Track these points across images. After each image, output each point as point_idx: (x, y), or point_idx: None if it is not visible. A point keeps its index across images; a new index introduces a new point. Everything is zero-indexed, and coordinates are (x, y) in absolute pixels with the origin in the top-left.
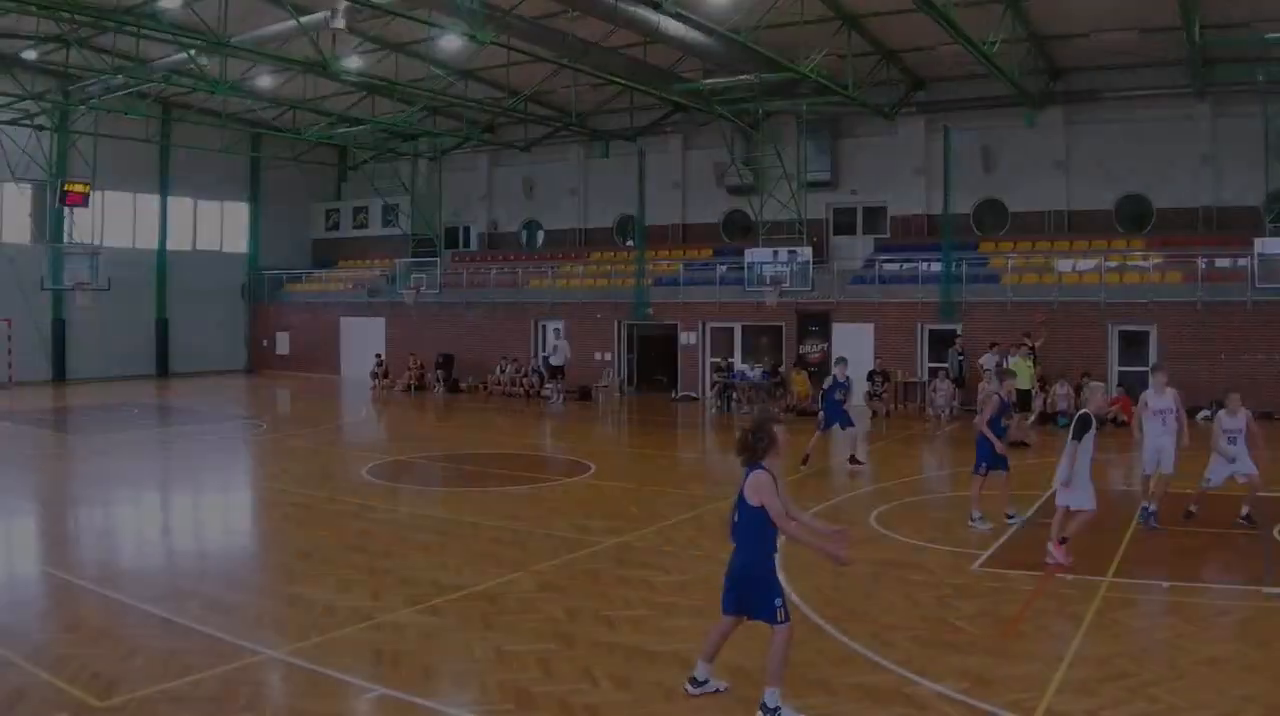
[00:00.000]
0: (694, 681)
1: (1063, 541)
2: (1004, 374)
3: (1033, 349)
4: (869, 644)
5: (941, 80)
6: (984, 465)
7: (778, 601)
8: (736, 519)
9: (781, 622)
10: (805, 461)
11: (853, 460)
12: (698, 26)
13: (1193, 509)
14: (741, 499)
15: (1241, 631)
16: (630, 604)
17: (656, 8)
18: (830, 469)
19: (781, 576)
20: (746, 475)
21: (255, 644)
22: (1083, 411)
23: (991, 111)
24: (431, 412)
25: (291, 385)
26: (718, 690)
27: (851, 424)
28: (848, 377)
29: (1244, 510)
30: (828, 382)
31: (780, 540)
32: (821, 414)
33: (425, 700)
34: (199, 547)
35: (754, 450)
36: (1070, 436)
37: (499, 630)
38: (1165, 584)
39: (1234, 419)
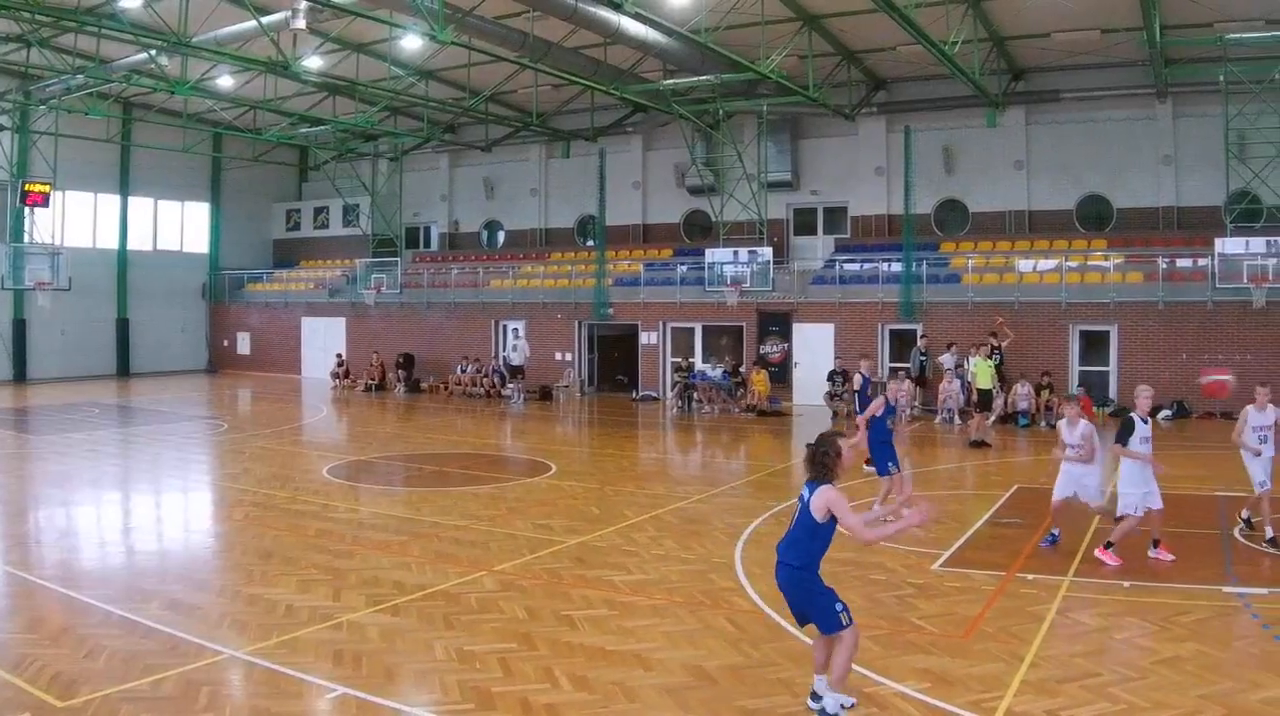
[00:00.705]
0: (814, 696)
1: (1155, 542)
2: (893, 376)
3: (997, 349)
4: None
5: (902, 81)
6: (891, 464)
7: (839, 606)
8: (792, 530)
9: (846, 626)
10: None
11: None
12: (658, 27)
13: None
14: (805, 512)
15: (1202, 631)
16: (591, 603)
17: (617, 8)
18: (793, 468)
19: (741, 576)
20: (813, 490)
21: (216, 643)
22: (1127, 414)
23: (952, 112)
24: (392, 412)
25: (252, 385)
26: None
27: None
28: (871, 374)
29: (1245, 513)
30: (858, 382)
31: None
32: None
33: (386, 700)
34: (160, 547)
35: (824, 466)
36: (1114, 440)
37: (460, 630)
38: (1126, 583)
39: (1263, 415)
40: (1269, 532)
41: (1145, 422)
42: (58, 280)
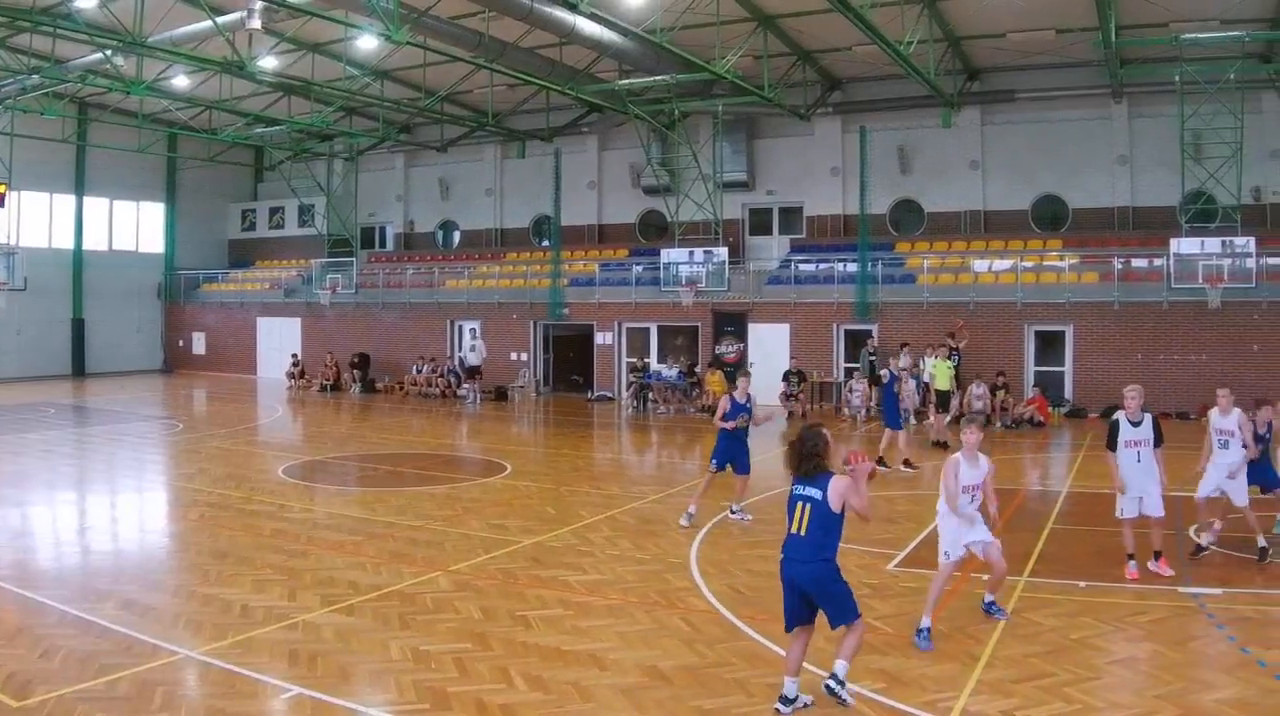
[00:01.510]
0: (784, 700)
1: (1156, 554)
2: (742, 375)
3: (955, 349)
4: (785, 644)
5: (858, 81)
6: (714, 462)
7: (853, 601)
8: (810, 528)
9: (859, 615)
10: (907, 463)
11: (905, 463)
12: (613, 27)
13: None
14: (823, 507)
15: (1157, 631)
16: (546, 603)
17: (572, 8)
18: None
19: (696, 577)
20: (820, 485)
21: (172, 643)
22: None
23: (908, 112)
24: (347, 413)
25: (208, 385)
26: (805, 704)
27: (899, 425)
28: (899, 371)
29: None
30: (885, 377)
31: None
32: (884, 413)
33: (341, 700)
34: (116, 548)
35: (820, 458)
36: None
37: (415, 630)
38: (1081, 583)
39: (1226, 419)
40: (1204, 540)
41: (1135, 425)
42: (13, 280)
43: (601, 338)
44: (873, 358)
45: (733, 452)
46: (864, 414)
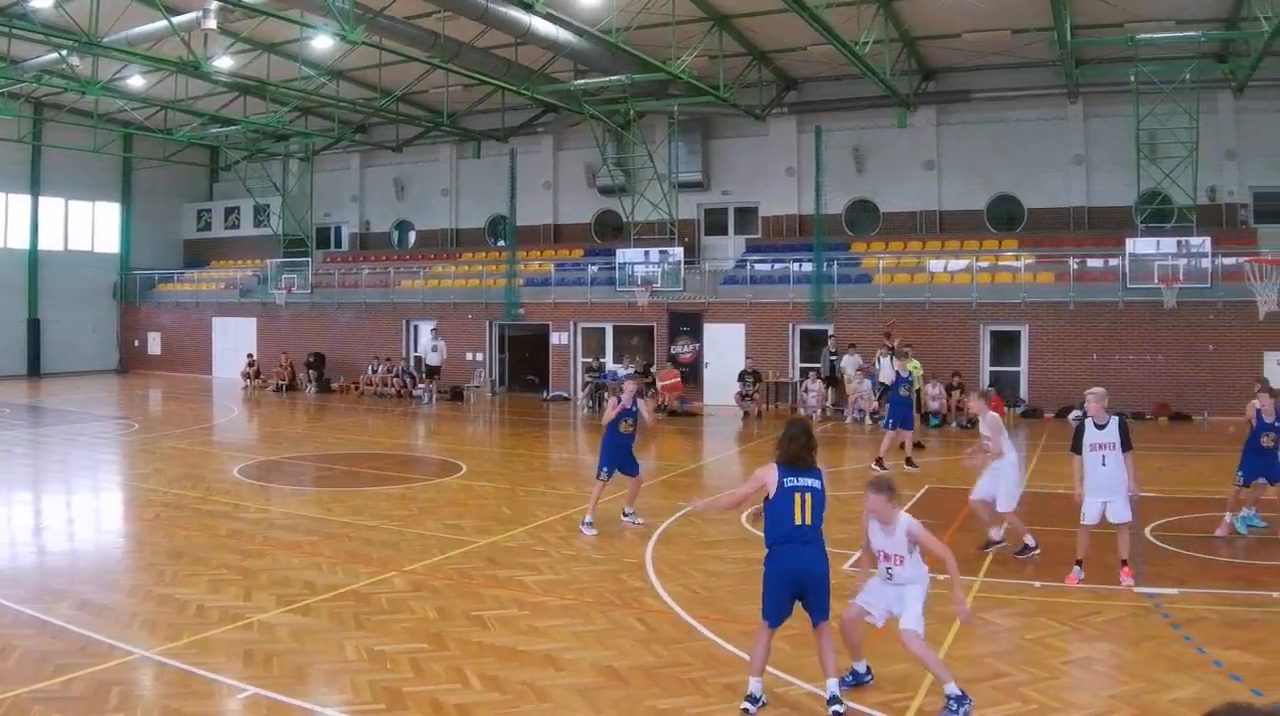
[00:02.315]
0: (751, 699)
1: (1123, 563)
2: (629, 379)
3: (892, 349)
4: (740, 644)
5: (813, 81)
6: (604, 469)
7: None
8: (815, 516)
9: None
10: (908, 462)
11: (908, 462)
12: (569, 27)
13: None
14: (820, 495)
15: (1114, 631)
16: (502, 603)
17: (528, 8)
18: (703, 469)
19: (651, 576)
20: (817, 473)
21: (127, 644)
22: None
23: (863, 112)
24: (303, 413)
25: (163, 385)
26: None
27: (908, 426)
28: (910, 371)
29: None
30: (890, 378)
31: None
32: (888, 412)
33: (297, 700)
34: (71, 548)
35: (814, 452)
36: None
37: (371, 630)
38: (1037, 584)
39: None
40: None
41: (1100, 428)
42: None
43: (557, 338)
44: (834, 358)
45: (619, 458)
46: (819, 413)
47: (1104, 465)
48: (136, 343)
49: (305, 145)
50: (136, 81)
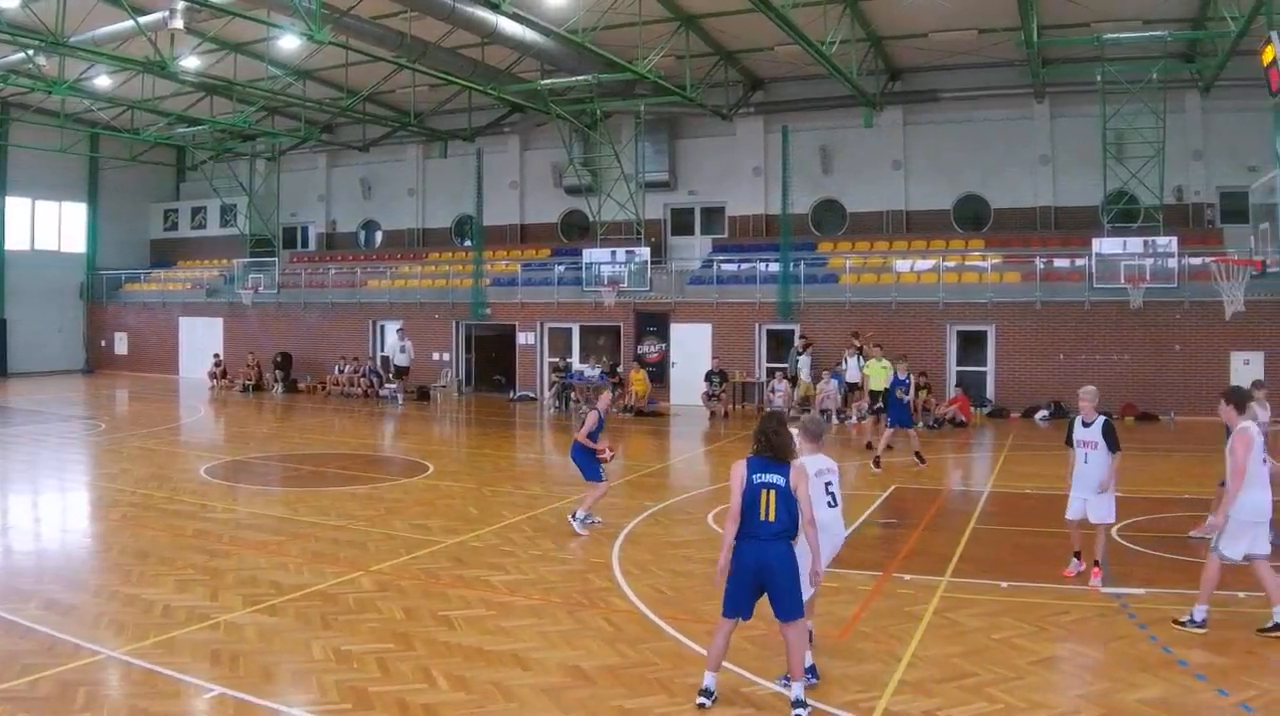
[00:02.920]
0: (705, 692)
1: (1094, 562)
2: (601, 389)
3: (860, 349)
4: (707, 644)
5: (780, 81)
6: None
7: (802, 598)
8: (778, 513)
9: (804, 615)
10: (921, 459)
11: (918, 457)
12: (535, 27)
13: None
14: (785, 491)
15: (1080, 631)
16: (469, 603)
17: (494, 8)
18: (670, 469)
19: (618, 577)
20: (784, 470)
21: (94, 643)
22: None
23: (830, 112)
24: (269, 413)
25: (130, 385)
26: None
27: (910, 423)
28: (909, 375)
29: None
30: (889, 380)
31: None
32: (888, 413)
33: (264, 700)
34: (38, 547)
35: (787, 448)
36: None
37: (337, 630)
38: (1004, 584)
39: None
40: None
41: (1086, 426)
42: None
43: (524, 337)
44: (799, 358)
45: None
46: (786, 413)
47: (1085, 462)
48: (103, 343)
49: (272, 145)
50: (103, 81)
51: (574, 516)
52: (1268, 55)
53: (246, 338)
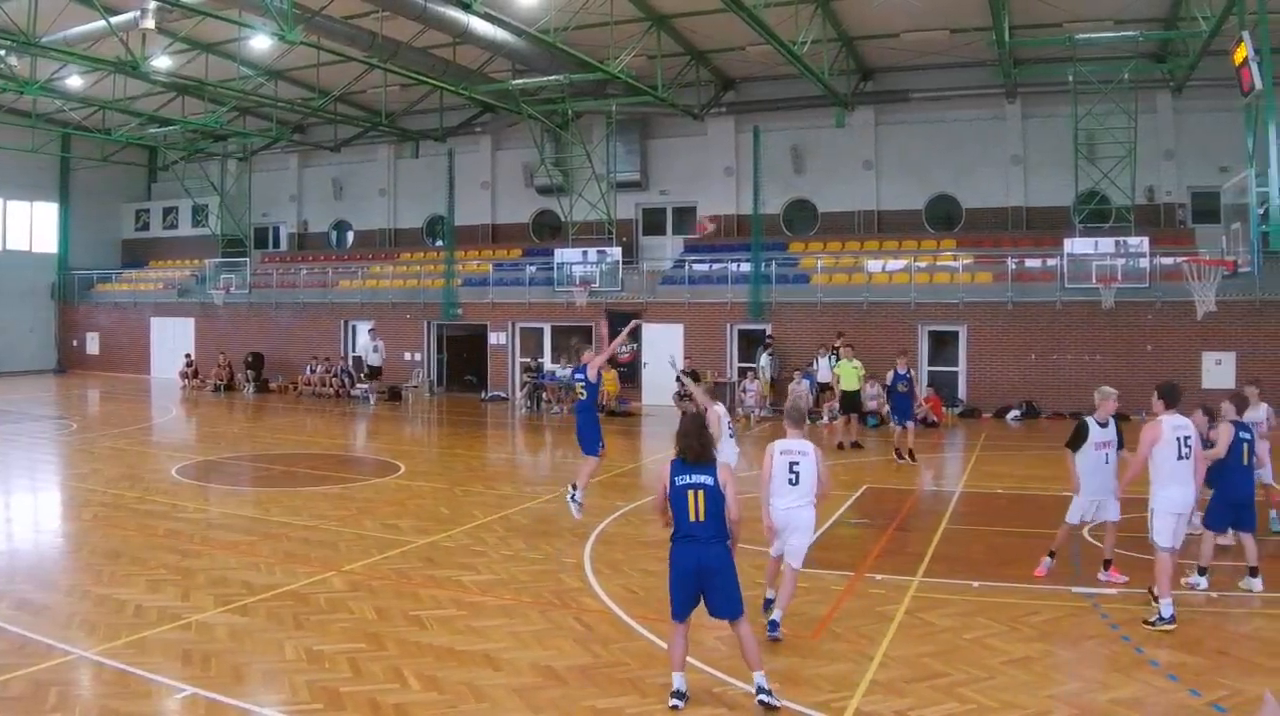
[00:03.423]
0: (678, 695)
1: (1106, 563)
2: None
3: (836, 349)
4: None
5: (751, 81)
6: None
7: (741, 594)
8: (707, 513)
9: (744, 613)
10: (911, 456)
11: (909, 455)
12: (507, 27)
13: None
14: (714, 491)
15: (1050, 631)
16: (440, 604)
17: (466, 8)
18: (642, 469)
19: (590, 577)
20: (710, 470)
21: (65, 644)
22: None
23: (801, 112)
24: (241, 413)
25: (101, 385)
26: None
27: (910, 419)
28: (908, 369)
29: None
30: (890, 377)
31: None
32: (889, 409)
33: (235, 700)
34: (9, 547)
35: (709, 448)
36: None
37: (309, 630)
38: (975, 584)
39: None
40: None
41: (1104, 427)
42: None
43: (495, 338)
44: (772, 358)
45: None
46: (757, 413)
47: (1107, 463)
48: (75, 343)
49: (243, 145)
50: (75, 81)
51: (573, 497)
52: (1239, 55)
53: (218, 338)
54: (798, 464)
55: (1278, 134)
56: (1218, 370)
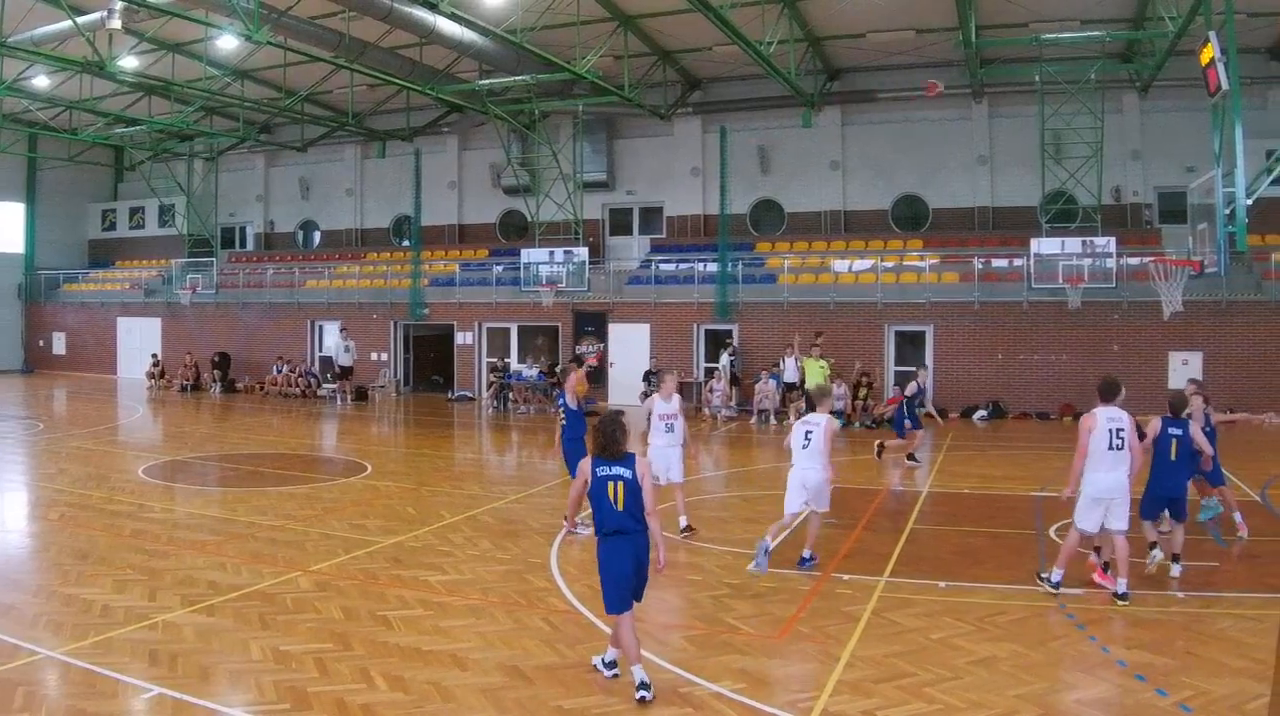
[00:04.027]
0: (643, 686)
1: (1103, 567)
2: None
3: (815, 346)
4: (646, 644)
5: (718, 81)
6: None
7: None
8: (626, 502)
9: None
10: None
11: (910, 457)
12: (474, 27)
13: None
14: (633, 482)
15: (1017, 631)
16: (407, 604)
17: (433, 8)
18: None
19: (556, 577)
20: (629, 463)
21: (32, 643)
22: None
23: (768, 112)
24: (208, 413)
25: (68, 385)
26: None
27: (919, 427)
28: (920, 386)
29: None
30: (911, 390)
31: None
32: (907, 420)
33: (202, 700)
34: None
35: (623, 443)
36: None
37: (276, 630)
38: (942, 584)
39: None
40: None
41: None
42: None
43: (462, 338)
44: (732, 358)
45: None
46: (723, 413)
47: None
48: (41, 343)
49: (210, 145)
50: (41, 81)
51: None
52: (1206, 55)
53: (184, 338)
54: (812, 433)
55: (1244, 134)
56: (1184, 370)
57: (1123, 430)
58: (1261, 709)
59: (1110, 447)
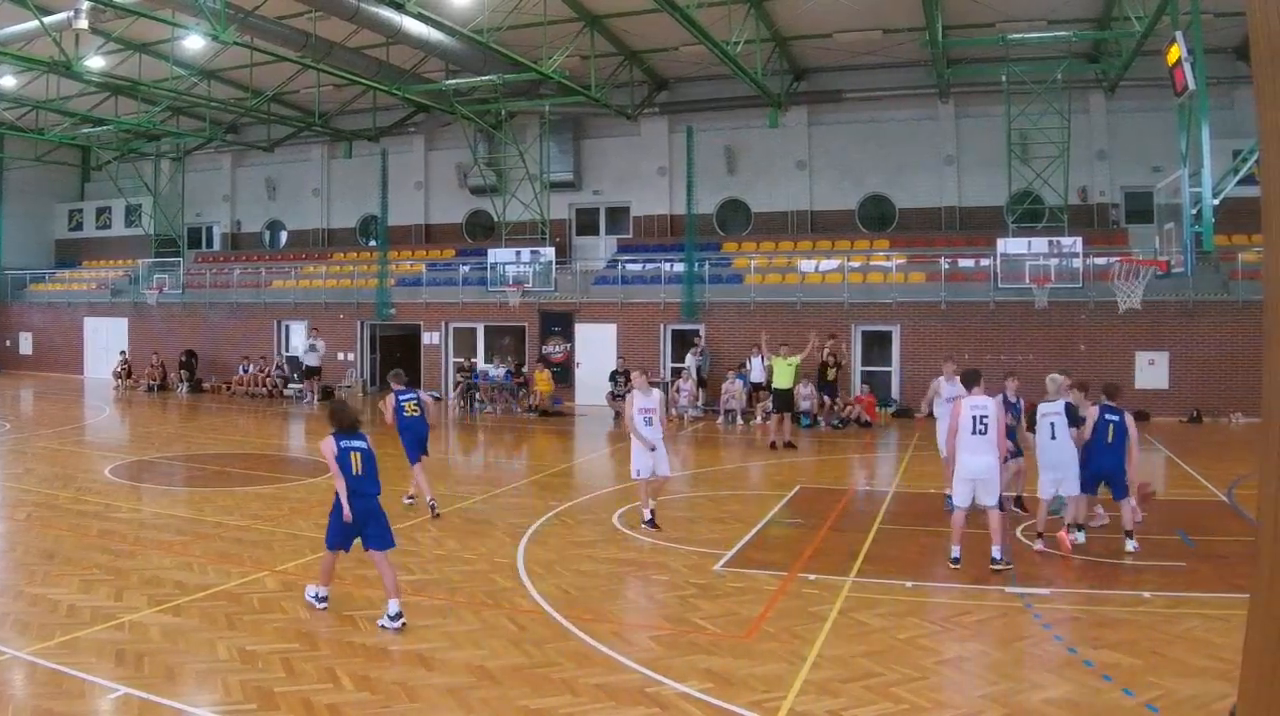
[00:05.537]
0: (396, 616)
1: (1067, 528)
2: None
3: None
4: (612, 644)
5: (685, 81)
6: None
7: (391, 530)
8: (366, 470)
9: (394, 545)
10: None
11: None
12: (440, 27)
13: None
14: (369, 452)
15: (983, 631)
16: (373, 603)
17: (399, 8)
18: (576, 468)
19: (523, 577)
20: (363, 437)
21: None
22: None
23: (735, 112)
24: (174, 412)
25: (34, 385)
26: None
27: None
28: (1019, 397)
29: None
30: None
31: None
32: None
33: (168, 700)
34: None
35: (356, 419)
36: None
37: (242, 630)
38: (908, 583)
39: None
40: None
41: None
42: None
43: (428, 338)
44: (701, 359)
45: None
46: (690, 413)
47: (1054, 438)
48: (8, 343)
49: (177, 145)
50: (8, 81)
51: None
52: (1172, 55)
53: (151, 337)
54: (986, 418)
55: (1210, 134)
56: (1151, 370)
57: (985, 417)
58: (1227, 708)
59: (974, 433)
